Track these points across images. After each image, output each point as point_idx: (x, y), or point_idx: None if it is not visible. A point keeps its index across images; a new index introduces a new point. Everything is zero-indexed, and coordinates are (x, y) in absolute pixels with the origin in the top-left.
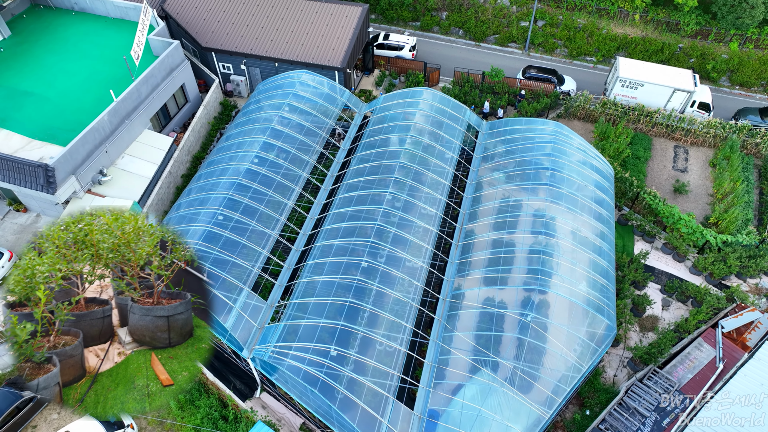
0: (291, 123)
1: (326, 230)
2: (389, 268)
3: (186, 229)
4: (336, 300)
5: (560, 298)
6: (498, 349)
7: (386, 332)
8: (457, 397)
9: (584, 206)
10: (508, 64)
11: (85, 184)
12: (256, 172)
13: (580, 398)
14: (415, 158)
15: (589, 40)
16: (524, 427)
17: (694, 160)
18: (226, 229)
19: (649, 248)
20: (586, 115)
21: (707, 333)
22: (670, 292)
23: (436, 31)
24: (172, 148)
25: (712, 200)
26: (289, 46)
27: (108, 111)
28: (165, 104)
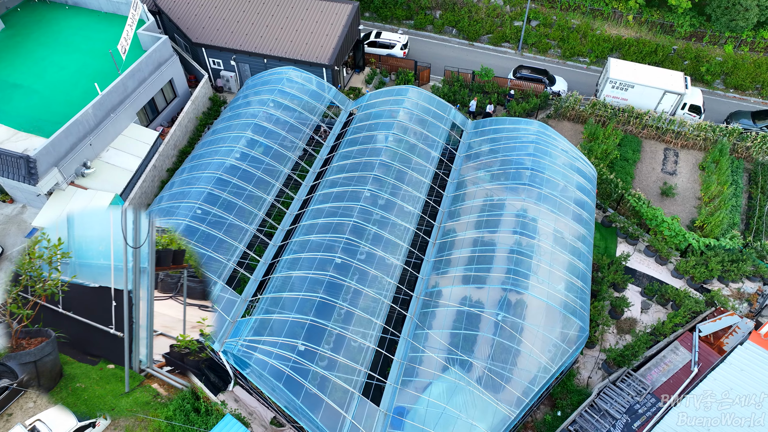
0: (275, 119)
1: (303, 226)
2: (363, 265)
3: (165, 223)
4: (307, 295)
5: (534, 299)
6: (468, 347)
7: (356, 328)
8: (424, 394)
9: (564, 207)
10: (501, 64)
11: (69, 176)
12: (237, 167)
13: (553, 399)
14: (396, 156)
15: (583, 41)
16: (489, 426)
17: (684, 162)
18: (203, 223)
19: (632, 250)
20: (576, 115)
21: (684, 336)
22: (649, 295)
23: (429, 30)
24: (158, 142)
25: (699, 203)
26: (279, 42)
27: (92, 104)
28: (153, 98)
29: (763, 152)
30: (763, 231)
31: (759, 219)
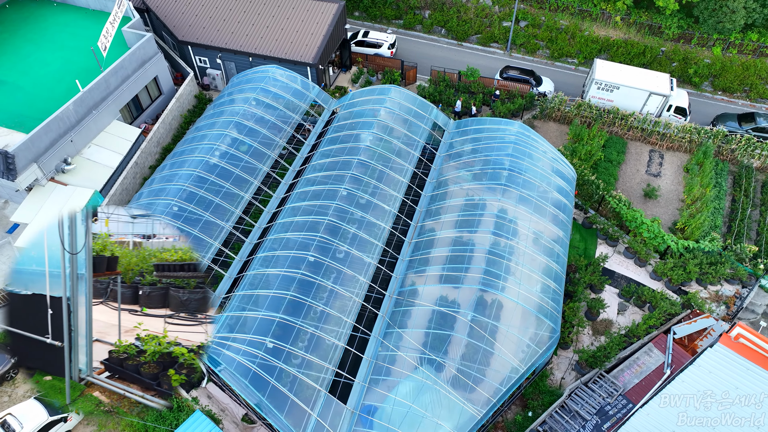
0: (256, 117)
1: (280, 224)
2: (336, 264)
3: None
4: (278, 293)
5: (506, 300)
6: (438, 347)
7: (326, 326)
8: (392, 393)
9: (541, 208)
10: (489, 64)
11: (48, 172)
12: (215, 164)
13: (525, 399)
14: (374, 155)
15: (571, 42)
16: (455, 426)
17: (669, 164)
18: (179, 220)
19: (612, 252)
20: (562, 116)
21: (659, 338)
22: (626, 297)
23: (418, 30)
24: (140, 139)
25: (683, 206)
26: (264, 41)
27: (74, 101)
28: (137, 96)
29: (748, 155)
30: (744, 234)
31: (740, 222)
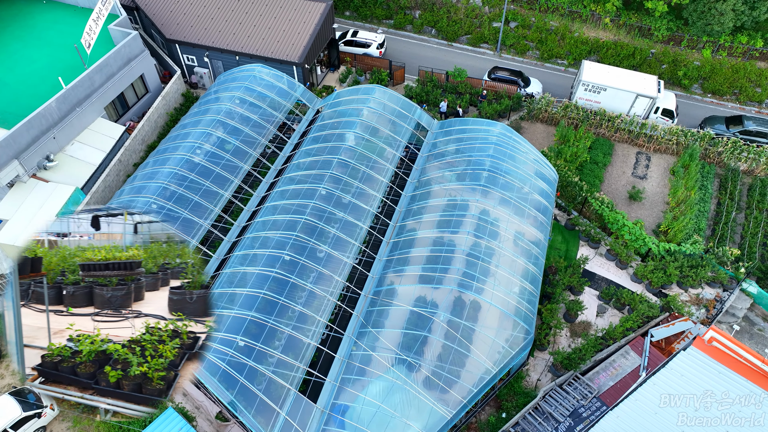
0: (239, 116)
1: (258, 222)
2: (311, 263)
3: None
4: (252, 291)
5: (480, 301)
6: (411, 347)
7: (299, 325)
8: (363, 393)
9: (519, 209)
10: (479, 65)
11: (30, 169)
12: (195, 162)
13: (499, 401)
14: (355, 154)
15: (561, 43)
16: (424, 426)
17: (656, 167)
18: (157, 217)
19: (594, 254)
20: (549, 117)
21: (636, 341)
22: (606, 299)
23: (409, 30)
24: (124, 137)
25: (668, 208)
26: (251, 40)
27: (56, 98)
28: (123, 94)
29: (735, 158)
30: (727, 237)
31: (724, 225)
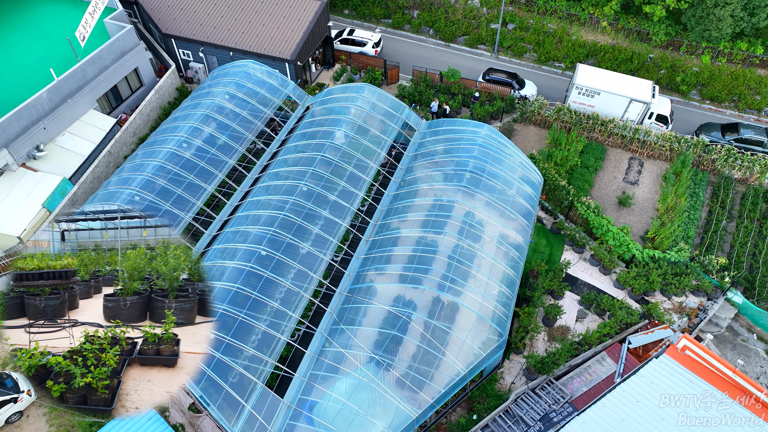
0: (227, 111)
1: (238, 217)
2: (286, 258)
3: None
4: (226, 285)
5: (452, 301)
6: (381, 346)
7: (270, 319)
8: (330, 389)
9: (500, 211)
10: (475, 66)
11: (20, 158)
12: (181, 156)
13: (471, 402)
14: (339, 152)
15: (559, 46)
16: (389, 425)
17: (648, 173)
18: (139, 209)
19: (578, 259)
20: (542, 120)
21: (613, 347)
22: (586, 304)
23: (407, 30)
24: (115, 129)
25: (657, 215)
26: (245, 36)
27: (47, 89)
28: (116, 86)
29: (729, 166)
30: (716, 246)
31: (714, 233)
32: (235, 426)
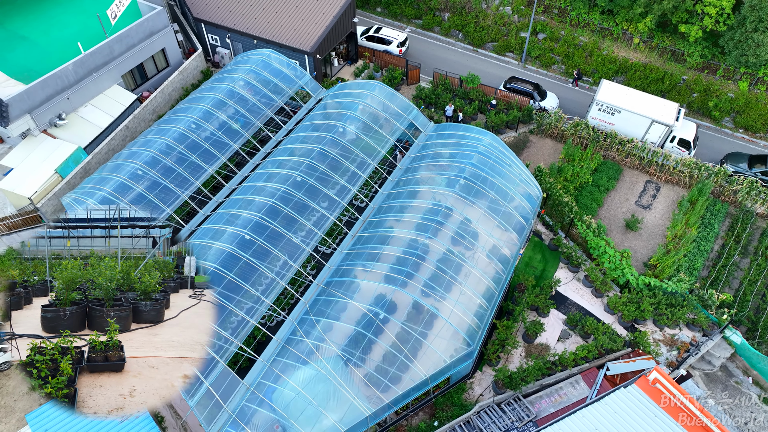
0: (239, 96)
1: (230, 200)
2: (267, 244)
3: (107, 177)
4: (205, 264)
5: (423, 305)
6: (346, 341)
7: (242, 300)
8: (289, 377)
9: (490, 221)
10: (500, 73)
11: (42, 125)
12: (187, 136)
13: (434, 408)
14: (337, 146)
15: (588, 60)
16: (340, 419)
17: (663, 198)
18: (138, 182)
19: (571, 278)
20: (559, 134)
21: (590, 372)
22: (571, 325)
23: (436, 32)
24: (135, 105)
25: (664, 242)
26: (270, 25)
27: (73, 62)
28: (142, 64)
29: (751, 199)
30: (722, 281)
31: (722, 267)
32: (191, 399)
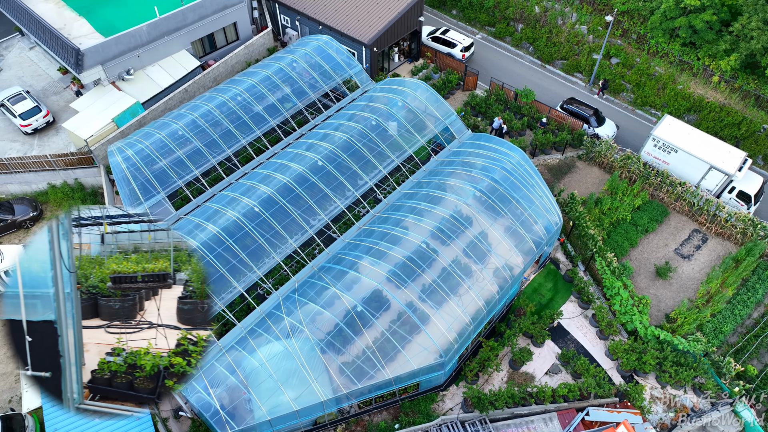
0: (286, 77)
1: (253, 173)
2: (271, 219)
3: (151, 133)
4: (209, 227)
5: (402, 308)
6: (322, 326)
7: (237, 266)
8: (259, 347)
9: (496, 240)
10: (562, 93)
11: (111, 76)
12: (228, 107)
13: (399, 411)
14: (364, 138)
15: (660, 93)
16: (295, 398)
17: (708, 251)
18: (175, 141)
19: (579, 314)
20: (608, 164)
21: (568, 412)
22: (564, 361)
23: (507, 42)
24: (197, 71)
25: (694, 296)
26: (336, 13)
27: (148, 24)
28: (212, 35)
29: None
30: (749, 352)
31: (754, 337)
32: None
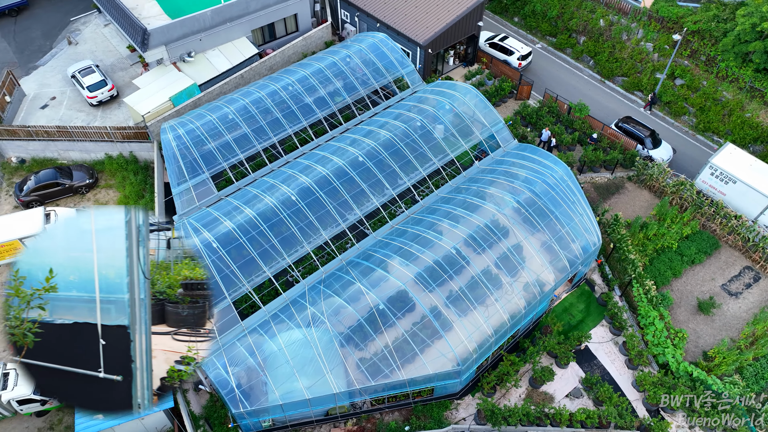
0: (338, 71)
1: (294, 162)
2: (306, 209)
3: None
4: (246, 210)
5: (424, 312)
6: (341, 319)
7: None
8: (280, 333)
9: (529, 254)
10: (619, 110)
11: (173, 57)
12: (279, 95)
13: (411, 414)
14: (407, 137)
15: (726, 119)
16: (309, 386)
17: (760, 291)
18: (224, 123)
19: (609, 339)
20: (659, 189)
21: None
22: (587, 386)
23: (568, 53)
24: (254, 59)
25: (737, 337)
26: (395, 12)
27: (212, 10)
28: (273, 24)
29: None
30: None
31: None
32: None
